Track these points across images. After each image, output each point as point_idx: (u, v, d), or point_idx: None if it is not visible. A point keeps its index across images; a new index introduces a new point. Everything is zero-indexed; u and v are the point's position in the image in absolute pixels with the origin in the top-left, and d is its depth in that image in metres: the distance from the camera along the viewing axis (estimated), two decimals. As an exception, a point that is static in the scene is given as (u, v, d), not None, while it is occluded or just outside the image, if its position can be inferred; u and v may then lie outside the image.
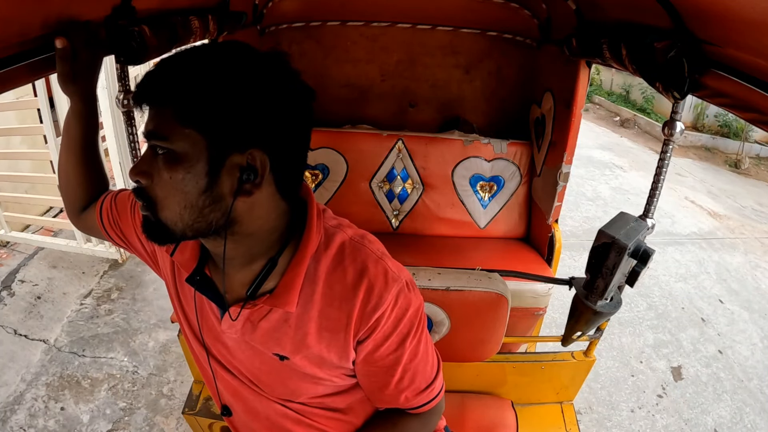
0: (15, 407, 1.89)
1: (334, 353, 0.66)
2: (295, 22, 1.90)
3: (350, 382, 0.73)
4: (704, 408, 2.25)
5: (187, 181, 0.54)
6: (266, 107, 0.54)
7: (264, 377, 0.71)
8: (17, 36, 0.63)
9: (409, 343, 0.67)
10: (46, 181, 2.66)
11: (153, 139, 0.54)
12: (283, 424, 0.76)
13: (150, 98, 0.54)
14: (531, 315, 1.68)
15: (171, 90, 0.53)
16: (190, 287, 0.69)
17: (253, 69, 0.54)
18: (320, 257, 0.64)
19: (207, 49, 0.56)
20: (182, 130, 0.53)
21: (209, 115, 0.53)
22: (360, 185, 1.92)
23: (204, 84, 0.52)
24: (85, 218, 0.85)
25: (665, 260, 3.49)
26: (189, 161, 0.54)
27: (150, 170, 0.55)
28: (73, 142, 0.79)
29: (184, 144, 0.53)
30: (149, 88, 0.53)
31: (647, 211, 1.10)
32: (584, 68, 1.43)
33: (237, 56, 0.55)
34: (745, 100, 0.69)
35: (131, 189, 0.58)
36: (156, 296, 2.56)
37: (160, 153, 0.54)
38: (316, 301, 0.64)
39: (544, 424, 1.40)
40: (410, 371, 0.69)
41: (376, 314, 0.63)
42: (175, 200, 0.55)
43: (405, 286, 0.65)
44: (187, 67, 0.53)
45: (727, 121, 6.57)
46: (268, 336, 0.66)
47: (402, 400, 0.72)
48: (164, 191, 0.55)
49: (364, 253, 0.65)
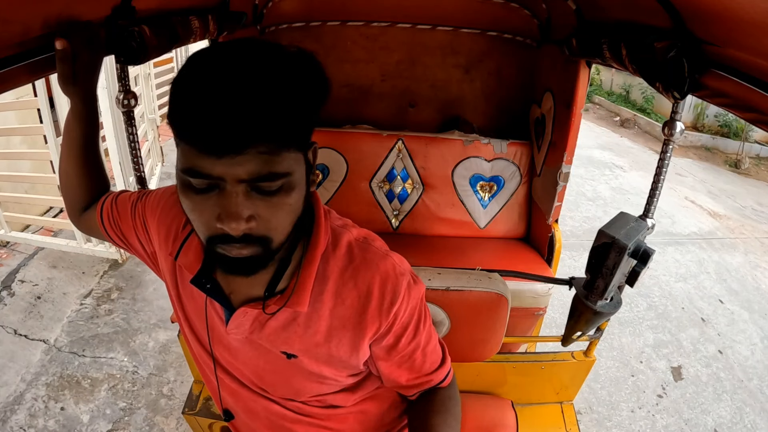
0: (15, 407, 1.89)
1: (343, 352, 0.67)
2: (295, 22, 1.90)
3: (353, 380, 0.74)
4: (704, 408, 2.25)
5: (298, 197, 0.54)
6: (321, 104, 0.53)
7: (268, 377, 0.71)
8: (17, 36, 0.63)
9: (423, 327, 0.71)
10: (46, 181, 2.66)
11: (266, 181, 0.49)
12: (283, 424, 0.76)
13: (249, 143, 0.47)
14: (531, 315, 1.67)
15: (271, 125, 0.47)
16: (192, 289, 0.68)
17: (309, 68, 0.51)
18: (329, 257, 0.65)
19: (257, 63, 0.48)
20: (289, 155, 0.51)
21: (301, 128, 0.52)
22: (360, 185, 1.92)
23: (289, 102, 0.48)
24: (86, 219, 0.85)
25: (665, 260, 3.49)
26: (298, 179, 0.53)
27: (257, 211, 0.51)
28: (74, 142, 0.79)
29: (294, 166, 0.52)
30: (243, 133, 0.46)
31: (647, 211, 1.10)
32: (584, 68, 1.42)
33: (292, 61, 0.50)
34: (745, 100, 0.69)
35: (238, 237, 0.51)
36: (156, 296, 2.56)
37: (273, 190, 0.51)
38: (327, 300, 0.65)
39: (544, 424, 1.40)
40: (428, 352, 0.74)
41: (393, 309, 0.65)
42: (289, 221, 0.55)
43: (411, 277, 0.68)
44: (267, 93, 0.46)
45: (727, 121, 6.58)
46: (276, 335, 0.66)
47: (429, 378, 0.76)
48: (279, 220, 0.53)
49: (372, 251, 0.67)
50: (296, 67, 0.49)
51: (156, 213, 0.73)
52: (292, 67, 0.49)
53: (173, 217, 0.71)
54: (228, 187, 0.49)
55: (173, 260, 0.70)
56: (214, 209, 0.51)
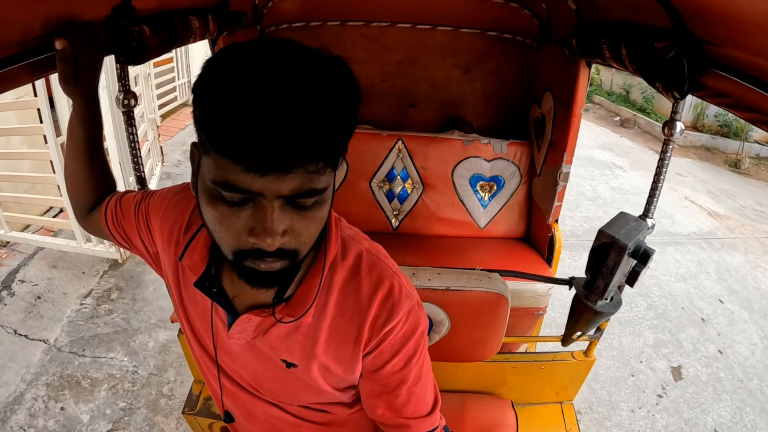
0: (15, 407, 1.89)
1: (339, 366, 0.66)
2: (295, 22, 1.90)
3: (349, 395, 0.73)
4: (704, 408, 2.25)
5: (327, 210, 0.53)
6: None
7: (266, 383, 0.71)
8: (18, 36, 0.63)
9: (415, 363, 0.66)
10: (46, 181, 2.66)
11: (305, 197, 0.48)
12: (282, 428, 0.76)
13: (299, 161, 0.44)
14: (531, 315, 1.68)
15: (322, 144, 0.45)
16: (195, 292, 0.67)
17: (348, 78, 0.48)
18: (336, 267, 0.64)
19: (304, 74, 0.44)
20: (329, 171, 0.49)
21: (344, 145, 0.49)
22: (360, 185, 1.92)
23: (338, 119, 0.45)
24: (92, 219, 0.85)
25: (665, 260, 3.49)
26: (329, 193, 0.52)
27: (291, 225, 0.49)
28: (78, 143, 0.79)
29: (329, 181, 0.50)
30: (295, 152, 0.43)
31: (647, 211, 1.10)
32: (584, 68, 1.42)
33: (334, 70, 0.47)
34: (745, 100, 0.69)
35: (268, 253, 0.50)
36: (156, 296, 2.56)
37: (308, 205, 0.49)
38: (329, 311, 0.63)
39: (544, 424, 1.40)
40: (414, 395, 0.68)
41: (387, 327, 0.62)
42: (317, 232, 0.54)
43: (416, 305, 0.65)
44: (319, 110, 0.43)
45: (727, 121, 6.58)
46: (278, 342, 0.65)
47: (406, 423, 0.69)
48: (309, 232, 0.52)
49: (380, 267, 0.65)
50: (339, 78, 0.46)
51: (159, 213, 0.73)
52: (336, 79, 0.46)
53: (176, 217, 0.71)
54: (265, 202, 0.47)
55: (176, 262, 0.69)
56: (247, 223, 0.48)
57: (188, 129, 5.17)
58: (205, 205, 0.50)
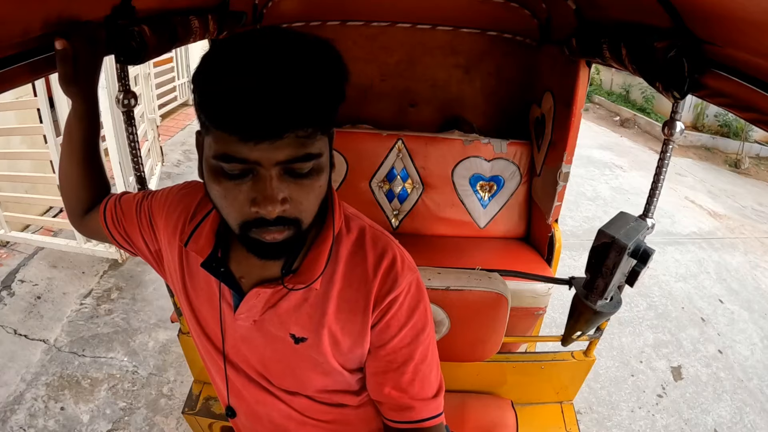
0: (15, 407, 1.89)
1: (348, 337, 0.67)
2: (294, 21, 1.90)
3: (356, 378, 0.73)
4: (704, 408, 2.25)
5: (325, 179, 0.56)
6: (345, 87, 0.54)
7: (274, 366, 0.71)
8: (17, 36, 0.63)
9: (422, 341, 0.68)
10: (46, 181, 2.66)
11: (300, 162, 0.51)
12: (287, 426, 0.75)
13: (289, 128, 0.48)
14: (531, 315, 1.68)
15: (310, 110, 0.48)
16: (200, 280, 0.69)
17: (332, 53, 0.52)
18: (341, 239, 0.66)
19: (289, 49, 0.49)
20: (320, 137, 0.53)
21: (332, 112, 0.52)
22: (360, 185, 1.92)
23: (323, 87, 0.49)
24: (89, 222, 0.85)
25: (665, 260, 3.49)
26: (325, 162, 0.55)
27: (290, 194, 0.53)
28: (75, 144, 0.79)
29: (323, 148, 0.54)
30: (284, 119, 0.47)
31: (647, 211, 1.10)
32: (584, 68, 1.42)
33: (317, 47, 0.51)
34: (745, 100, 0.69)
35: (272, 220, 0.53)
36: (156, 296, 2.56)
37: (305, 172, 0.53)
38: (336, 281, 0.65)
39: (544, 424, 1.40)
40: (420, 373, 0.68)
41: (390, 296, 0.65)
42: (317, 203, 0.57)
43: (418, 279, 0.68)
44: (304, 79, 0.47)
45: (727, 121, 6.58)
46: (287, 315, 0.66)
47: (413, 404, 0.69)
48: (310, 202, 0.55)
49: (384, 240, 0.68)
50: (322, 53, 0.51)
51: (164, 209, 0.74)
52: (319, 53, 0.50)
53: (182, 209, 0.72)
54: (263, 171, 0.51)
55: (181, 251, 0.70)
56: (249, 194, 0.52)
57: (188, 129, 5.17)
58: (211, 183, 0.54)
